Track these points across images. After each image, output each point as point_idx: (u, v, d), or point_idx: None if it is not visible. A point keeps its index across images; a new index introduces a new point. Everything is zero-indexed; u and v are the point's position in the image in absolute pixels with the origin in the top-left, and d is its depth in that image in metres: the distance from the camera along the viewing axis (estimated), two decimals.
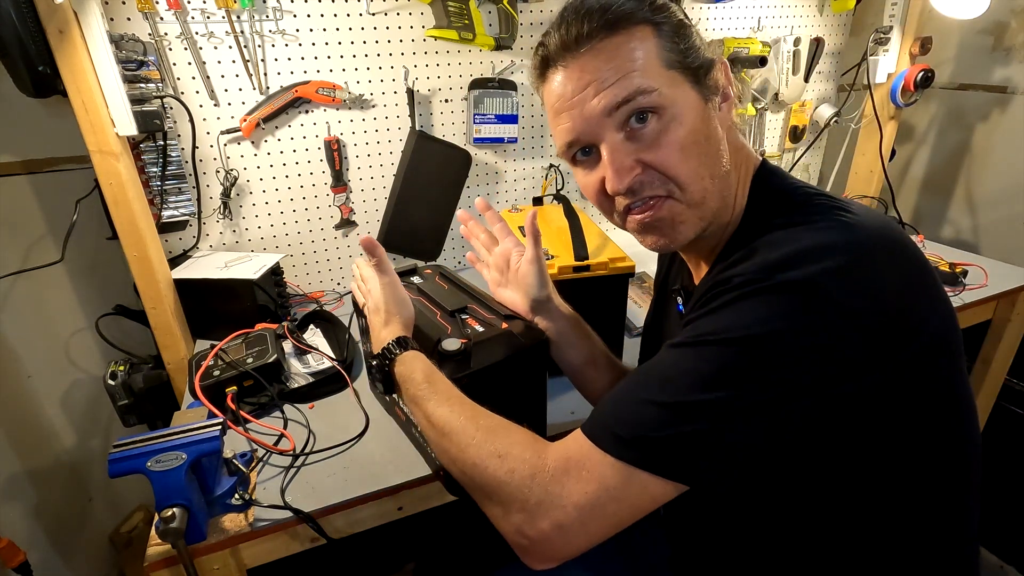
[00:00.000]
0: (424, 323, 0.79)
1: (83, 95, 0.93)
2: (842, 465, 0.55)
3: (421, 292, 0.89)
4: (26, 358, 1.31)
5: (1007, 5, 1.60)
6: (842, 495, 0.56)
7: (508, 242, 0.85)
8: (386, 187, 1.37)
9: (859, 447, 0.54)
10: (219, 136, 1.20)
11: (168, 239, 1.23)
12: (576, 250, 0.96)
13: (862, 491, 0.56)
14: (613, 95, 0.55)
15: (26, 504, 1.37)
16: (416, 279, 0.94)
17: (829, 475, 0.55)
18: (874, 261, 0.51)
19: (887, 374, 0.50)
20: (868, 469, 0.55)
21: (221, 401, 0.89)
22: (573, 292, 0.92)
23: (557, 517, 0.51)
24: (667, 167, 0.57)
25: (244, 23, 1.14)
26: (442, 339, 0.73)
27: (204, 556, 0.72)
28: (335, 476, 0.81)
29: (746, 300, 0.50)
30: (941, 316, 0.54)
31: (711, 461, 0.50)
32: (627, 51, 0.56)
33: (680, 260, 0.77)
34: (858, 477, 0.55)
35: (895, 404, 0.52)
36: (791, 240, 0.52)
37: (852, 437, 0.53)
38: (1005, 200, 1.69)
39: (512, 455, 0.55)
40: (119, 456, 0.67)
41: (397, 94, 1.31)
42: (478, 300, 0.86)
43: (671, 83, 0.56)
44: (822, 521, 0.58)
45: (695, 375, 0.50)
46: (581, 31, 0.56)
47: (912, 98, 1.59)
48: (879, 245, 0.52)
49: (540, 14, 1.38)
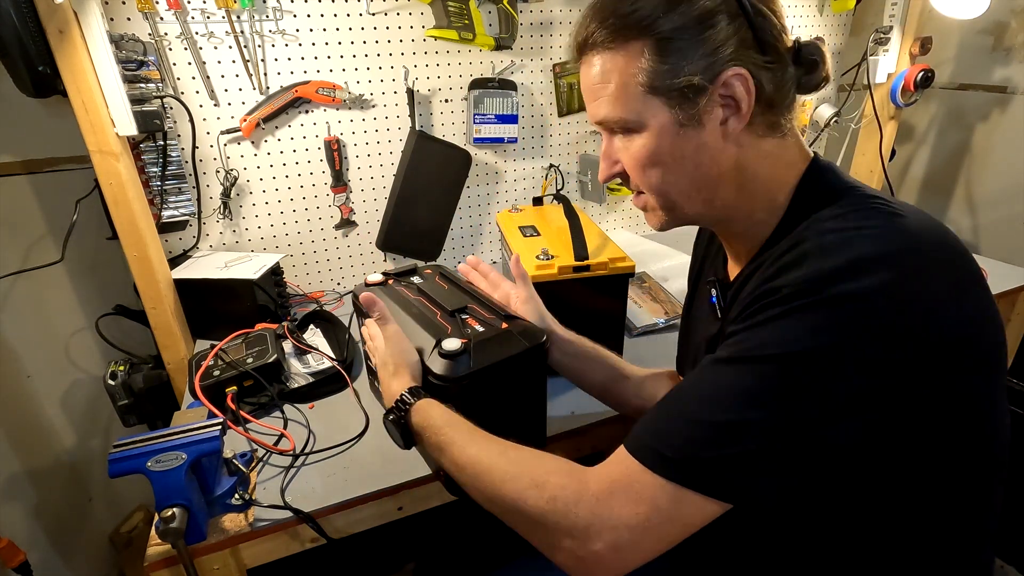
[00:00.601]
0: (424, 323, 0.79)
1: (83, 95, 0.93)
2: (875, 474, 0.54)
3: (421, 292, 0.89)
4: (26, 358, 1.31)
5: (1007, 5, 1.60)
6: (868, 500, 0.56)
7: (505, 287, 0.90)
8: (386, 187, 1.37)
9: (895, 457, 0.54)
10: (219, 136, 1.20)
11: (168, 239, 1.23)
12: (576, 250, 0.96)
13: (888, 497, 0.56)
14: (592, 112, 0.63)
15: (26, 504, 1.37)
16: (416, 279, 0.94)
17: (861, 483, 0.55)
18: (929, 273, 0.50)
19: (935, 389, 0.50)
20: (898, 477, 0.55)
21: (221, 401, 0.89)
22: (573, 292, 0.92)
23: (610, 539, 0.51)
24: (631, 176, 0.64)
25: (244, 23, 1.14)
26: (442, 339, 0.73)
27: (204, 556, 0.72)
28: (335, 476, 0.81)
29: (796, 314, 0.49)
30: (990, 331, 0.54)
31: (761, 481, 0.50)
32: (607, 73, 0.59)
33: (715, 250, 0.76)
34: (887, 484, 0.55)
35: (939, 417, 0.52)
36: (843, 246, 0.51)
37: (892, 448, 0.53)
38: (1005, 200, 1.69)
39: (550, 483, 0.55)
40: (119, 456, 0.67)
41: (397, 94, 1.31)
42: (478, 300, 0.86)
43: (641, 107, 0.59)
44: (843, 525, 0.58)
45: (744, 393, 0.50)
46: (581, 39, 0.61)
47: (912, 98, 1.59)
48: (935, 255, 0.51)
49: (540, 14, 1.38)
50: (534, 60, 1.42)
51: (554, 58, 1.44)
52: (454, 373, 0.71)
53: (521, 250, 1.00)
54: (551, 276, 0.94)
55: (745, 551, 0.67)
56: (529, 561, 0.91)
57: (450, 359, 0.71)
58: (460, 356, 0.71)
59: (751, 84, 0.56)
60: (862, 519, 0.57)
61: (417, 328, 0.78)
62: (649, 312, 1.18)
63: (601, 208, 1.66)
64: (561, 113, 1.50)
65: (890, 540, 0.57)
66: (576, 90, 1.48)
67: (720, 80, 0.56)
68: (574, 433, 0.90)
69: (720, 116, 0.58)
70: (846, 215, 0.54)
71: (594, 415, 0.92)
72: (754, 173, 0.61)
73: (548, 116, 1.50)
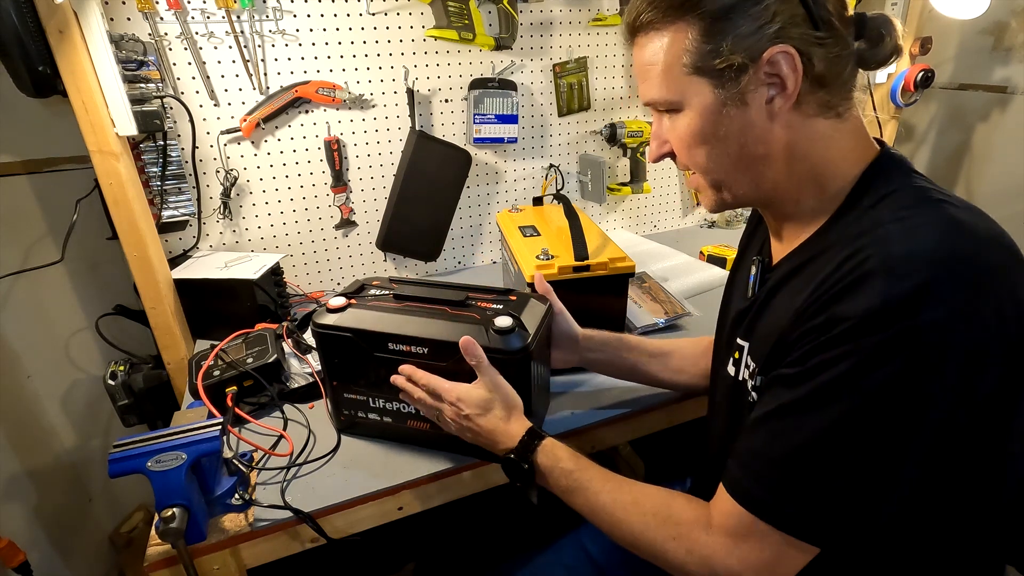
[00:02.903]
0: (445, 318, 0.77)
1: (83, 95, 0.93)
2: (934, 482, 0.55)
3: (401, 298, 0.83)
4: (26, 358, 1.31)
5: (1007, 5, 1.60)
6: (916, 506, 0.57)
7: None
8: (386, 187, 1.37)
9: (955, 466, 0.55)
10: (219, 136, 1.20)
11: (168, 239, 1.23)
12: (576, 250, 0.96)
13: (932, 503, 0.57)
14: (641, 93, 0.64)
15: (26, 504, 1.37)
16: (376, 291, 0.86)
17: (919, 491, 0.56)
18: (995, 285, 0.49)
19: (1005, 402, 0.52)
20: (950, 482, 0.56)
21: (221, 401, 0.89)
22: (573, 292, 0.92)
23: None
24: (679, 155, 0.65)
25: (244, 23, 1.14)
26: (492, 319, 0.75)
27: (204, 556, 0.72)
28: (335, 476, 0.81)
29: (870, 352, 0.49)
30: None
31: (854, 521, 0.53)
32: (654, 55, 0.60)
33: (764, 226, 0.74)
34: (938, 491, 0.56)
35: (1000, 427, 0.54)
36: (908, 263, 0.49)
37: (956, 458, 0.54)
38: (1005, 200, 1.69)
39: (682, 536, 0.59)
40: (119, 456, 0.67)
41: (397, 94, 1.31)
42: (467, 288, 0.86)
43: (686, 87, 0.59)
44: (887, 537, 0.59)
45: (835, 441, 0.51)
46: (630, 21, 0.62)
47: (912, 98, 1.59)
48: (997, 263, 0.51)
49: (540, 14, 1.38)
50: (534, 60, 1.42)
51: (554, 58, 1.44)
52: (519, 344, 0.73)
53: (521, 250, 1.00)
54: (551, 276, 0.95)
55: None
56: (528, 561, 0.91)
57: (506, 335, 0.74)
58: (514, 331, 0.74)
59: (798, 62, 0.55)
60: (908, 528, 0.58)
61: (446, 325, 0.76)
62: (649, 312, 1.18)
63: (601, 208, 1.66)
64: (561, 113, 1.50)
65: (909, 545, 0.59)
66: (576, 90, 1.48)
67: (764, 58, 0.55)
68: (574, 433, 0.90)
69: (765, 95, 0.57)
70: (909, 218, 0.53)
71: (594, 415, 0.92)
72: (805, 154, 0.59)
73: (548, 116, 1.50)
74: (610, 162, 1.60)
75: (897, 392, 0.49)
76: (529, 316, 0.79)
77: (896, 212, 0.54)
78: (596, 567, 0.89)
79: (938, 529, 0.58)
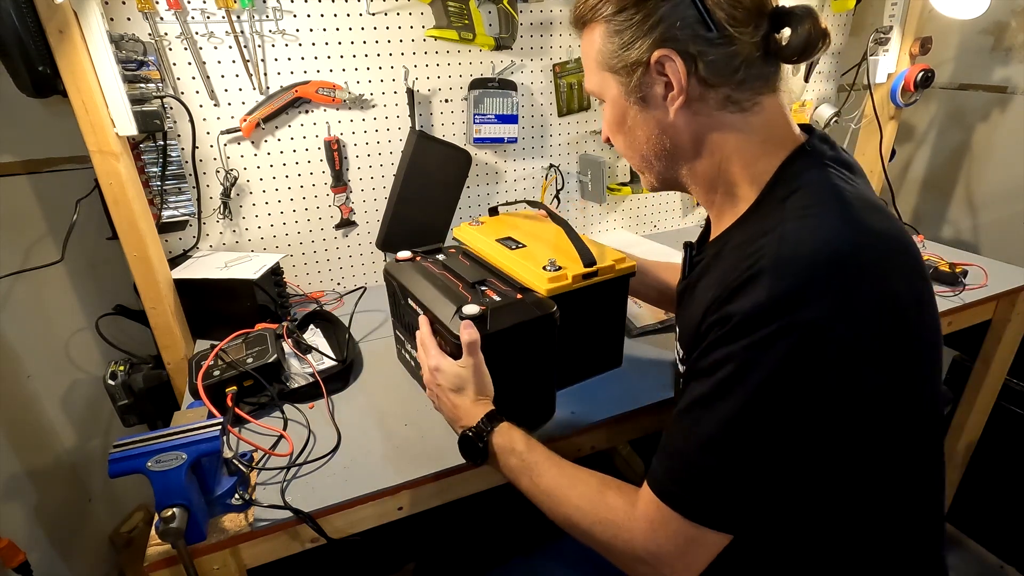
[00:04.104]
0: (447, 293, 0.86)
1: (83, 95, 0.93)
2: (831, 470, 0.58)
3: (445, 267, 0.96)
4: (26, 358, 1.31)
5: (1007, 5, 1.60)
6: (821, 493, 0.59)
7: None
8: (386, 187, 1.37)
9: (850, 453, 0.57)
10: (219, 136, 1.20)
11: (168, 239, 1.23)
12: (584, 257, 0.90)
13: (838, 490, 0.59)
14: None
15: (26, 504, 1.37)
16: (441, 256, 1.03)
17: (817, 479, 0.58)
18: (871, 282, 0.52)
19: (895, 394, 0.55)
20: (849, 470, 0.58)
21: (221, 401, 0.89)
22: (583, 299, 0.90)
23: (671, 566, 0.59)
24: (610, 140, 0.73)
25: (244, 23, 1.14)
26: (463, 305, 0.80)
27: (204, 556, 0.72)
28: (335, 476, 0.81)
29: (755, 348, 0.52)
30: (934, 329, 0.59)
31: (758, 508, 0.56)
32: (585, 49, 0.68)
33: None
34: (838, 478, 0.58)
35: (892, 414, 0.56)
36: (796, 261, 0.52)
37: (850, 446, 0.56)
38: (1005, 200, 1.69)
39: (609, 521, 0.62)
40: (119, 456, 0.67)
41: (397, 94, 1.31)
42: (496, 275, 0.93)
43: (602, 81, 0.67)
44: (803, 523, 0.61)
45: (731, 434, 0.54)
46: (572, 20, 0.69)
47: (912, 98, 1.59)
48: (890, 260, 0.54)
49: (540, 14, 1.38)
50: (534, 60, 1.42)
51: (554, 58, 1.44)
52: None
53: (518, 263, 0.93)
54: (566, 287, 0.88)
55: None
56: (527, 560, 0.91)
57: (463, 320, 0.78)
58: (477, 320, 0.77)
59: (680, 64, 0.59)
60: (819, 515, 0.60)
61: (439, 296, 0.85)
62: (649, 312, 1.18)
63: (601, 208, 1.66)
64: (561, 113, 1.50)
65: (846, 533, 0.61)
66: (576, 90, 1.48)
67: (652, 60, 0.60)
68: (574, 433, 0.90)
69: (661, 92, 0.62)
70: (806, 217, 0.55)
71: (594, 415, 0.92)
72: (717, 146, 0.64)
73: (548, 116, 1.50)
74: (610, 162, 1.60)
75: (782, 385, 0.52)
76: (514, 314, 0.81)
77: (798, 211, 0.57)
78: (596, 567, 0.89)
79: (859, 511, 0.60)
